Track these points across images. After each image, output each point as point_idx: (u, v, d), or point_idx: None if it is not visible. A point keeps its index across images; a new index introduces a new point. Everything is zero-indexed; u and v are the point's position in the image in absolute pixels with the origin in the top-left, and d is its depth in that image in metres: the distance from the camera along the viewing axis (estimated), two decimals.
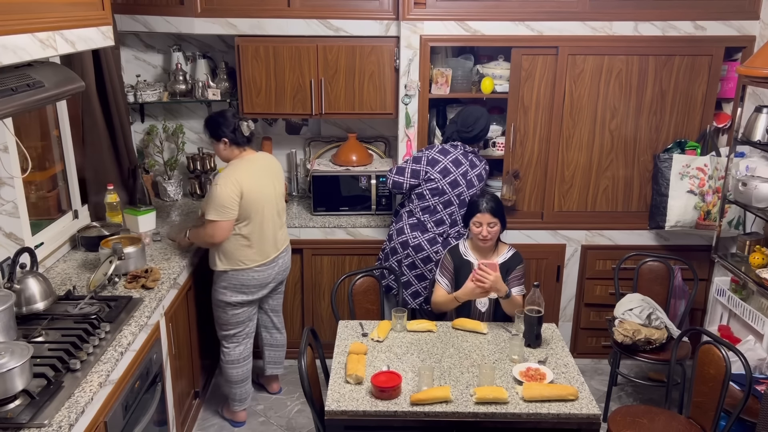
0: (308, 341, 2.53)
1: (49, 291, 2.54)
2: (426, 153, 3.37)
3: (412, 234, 3.35)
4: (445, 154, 3.33)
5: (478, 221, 2.89)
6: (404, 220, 3.40)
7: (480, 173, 3.37)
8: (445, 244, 3.31)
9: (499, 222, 2.90)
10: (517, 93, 3.54)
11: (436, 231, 3.33)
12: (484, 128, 3.37)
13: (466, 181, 3.31)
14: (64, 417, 1.92)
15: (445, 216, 3.32)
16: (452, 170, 3.30)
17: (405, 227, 3.38)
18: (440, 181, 3.29)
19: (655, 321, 3.21)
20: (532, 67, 3.50)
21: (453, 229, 3.35)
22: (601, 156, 3.66)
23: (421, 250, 3.33)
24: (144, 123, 4.11)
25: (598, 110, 3.58)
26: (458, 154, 3.33)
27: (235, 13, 3.51)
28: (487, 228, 2.87)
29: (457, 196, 3.31)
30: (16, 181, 2.73)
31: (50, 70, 2.31)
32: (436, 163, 3.31)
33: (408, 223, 3.38)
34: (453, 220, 3.34)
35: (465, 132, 3.35)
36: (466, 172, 3.31)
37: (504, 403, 2.30)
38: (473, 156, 3.37)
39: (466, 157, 3.34)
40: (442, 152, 3.34)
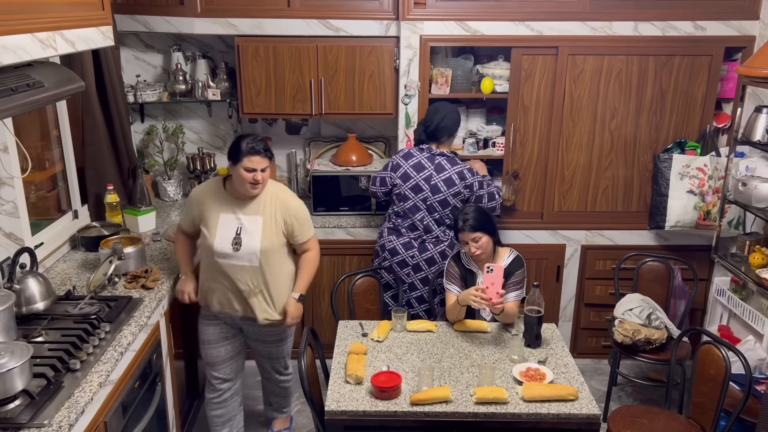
0: (308, 341, 2.53)
1: (49, 291, 2.54)
2: (392, 158, 3.35)
3: (388, 238, 3.34)
4: (407, 159, 3.28)
5: (463, 240, 2.84)
6: (385, 223, 3.42)
7: (449, 177, 3.20)
8: (422, 248, 3.28)
9: (485, 234, 2.81)
10: (517, 93, 3.54)
11: (411, 235, 3.30)
12: (443, 120, 3.24)
13: (430, 186, 3.21)
14: (64, 417, 1.92)
15: (416, 221, 3.26)
16: (413, 175, 3.23)
17: (384, 230, 3.39)
18: (402, 186, 3.26)
19: (655, 321, 3.21)
20: (532, 67, 3.50)
21: (429, 234, 3.28)
22: (601, 156, 3.66)
23: (396, 253, 3.30)
24: (144, 123, 4.11)
25: (598, 110, 3.58)
26: (422, 157, 3.25)
27: (235, 13, 3.51)
28: (473, 245, 2.81)
29: (422, 201, 3.23)
30: (16, 181, 2.73)
31: (50, 70, 2.31)
32: (397, 168, 3.28)
33: (386, 226, 3.39)
34: (425, 225, 3.26)
35: (426, 126, 3.28)
36: (430, 176, 3.22)
37: (504, 403, 2.30)
38: (443, 159, 3.24)
39: (432, 160, 3.23)
40: (405, 156, 3.29)
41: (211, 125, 4.16)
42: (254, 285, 2.74)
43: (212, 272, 2.77)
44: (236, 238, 2.69)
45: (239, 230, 2.69)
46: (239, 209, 2.71)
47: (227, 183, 2.75)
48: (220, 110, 4.11)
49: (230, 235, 2.69)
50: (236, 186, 2.68)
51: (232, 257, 2.70)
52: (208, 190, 2.77)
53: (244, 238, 2.69)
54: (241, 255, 2.69)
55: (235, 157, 2.60)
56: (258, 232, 2.70)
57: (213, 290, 2.79)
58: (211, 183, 2.80)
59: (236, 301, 2.78)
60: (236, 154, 2.60)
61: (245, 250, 2.69)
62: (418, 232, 3.28)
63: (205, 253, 2.77)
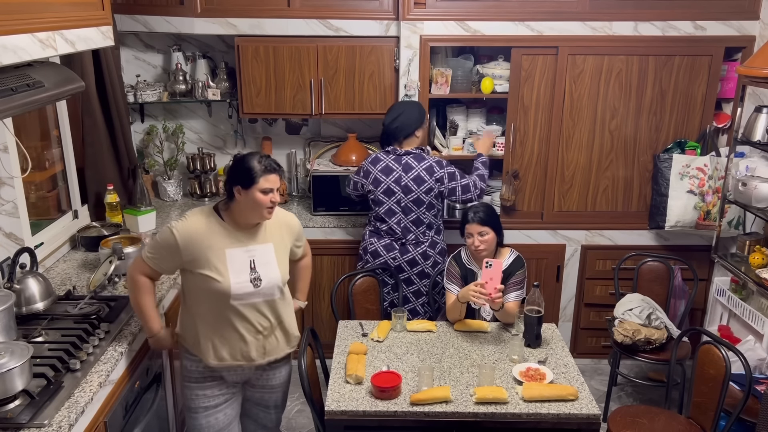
0: (308, 341, 2.53)
1: (49, 291, 2.54)
2: (363, 164, 3.34)
3: (369, 240, 3.35)
4: (375, 164, 3.26)
5: (469, 232, 2.85)
6: (367, 226, 3.43)
7: (418, 175, 3.18)
8: (403, 251, 3.27)
9: (492, 230, 2.83)
10: (517, 93, 3.54)
11: (391, 238, 3.30)
12: (395, 121, 3.21)
13: (401, 187, 3.20)
14: (64, 417, 1.92)
15: (393, 225, 3.26)
16: (382, 179, 3.22)
17: (366, 233, 3.40)
18: (375, 192, 3.26)
19: (655, 321, 3.21)
20: (532, 67, 3.50)
21: (407, 236, 3.27)
22: (601, 156, 3.66)
23: (378, 256, 3.30)
24: (144, 123, 4.11)
25: (598, 110, 3.58)
26: (389, 160, 3.23)
27: (235, 13, 3.51)
28: (477, 238, 2.82)
29: (396, 204, 3.23)
30: (16, 181, 2.73)
31: (50, 70, 2.31)
32: (368, 175, 3.28)
33: (368, 229, 3.40)
34: (403, 227, 3.25)
35: (388, 127, 3.25)
36: (399, 177, 3.20)
37: (504, 403, 2.30)
38: (409, 158, 3.21)
39: (399, 161, 3.21)
40: (374, 162, 3.27)
41: (211, 125, 4.16)
42: (274, 321, 2.39)
43: (222, 322, 2.31)
44: (254, 273, 2.29)
45: (253, 263, 2.29)
46: (247, 240, 2.30)
47: (225, 213, 2.30)
48: (220, 110, 4.11)
49: (245, 271, 2.27)
50: (245, 214, 2.26)
51: (252, 296, 2.29)
52: (199, 227, 2.25)
53: (261, 271, 2.30)
54: (263, 290, 2.31)
55: (249, 180, 2.18)
56: (273, 261, 2.34)
57: (222, 343, 2.32)
58: (200, 217, 2.28)
59: (254, 348, 2.36)
60: (249, 177, 2.18)
61: (267, 284, 2.31)
62: (397, 235, 3.28)
63: (211, 301, 2.29)
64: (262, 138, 4.10)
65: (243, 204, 2.23)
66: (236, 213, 2.27)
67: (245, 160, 2.22)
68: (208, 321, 2.31)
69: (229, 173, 2.26)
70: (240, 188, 2.21)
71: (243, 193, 2.21)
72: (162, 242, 2.26)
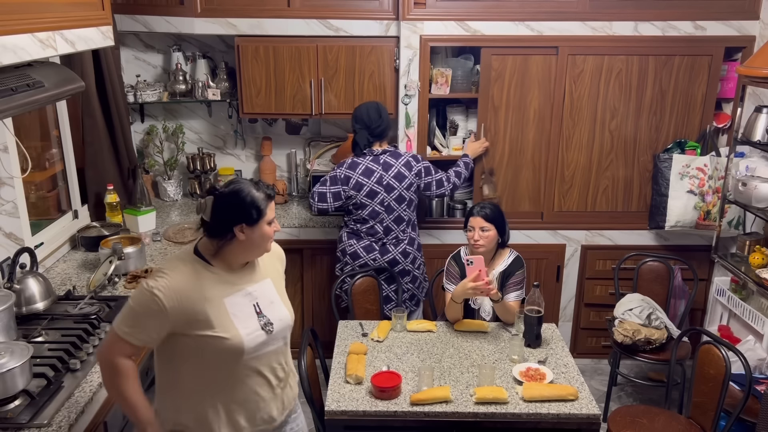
0: (308, 341, 2.53)
1: (49, 291, 2.54)
2: (338, 171, 3.25)
3: (348, 242, 3.32)
4: (354, 168, 3.22)
5: (471, 225, 2.85)
6: (343, 228, 3.40)
7: (398, 171, 3.21)
8: (383, 251, 3.28)
9: (494, 227, 2.83)
10: (487, 93, 3.54)
11: (372, 238, 3.29)
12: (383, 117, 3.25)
13: (384, 187, 3.20)
14: (64, 417, 1.92)
15: (376, 225, 3.26)
16: (364, 182, 3.20)
17: (343, 235, 3.38)
18: (357, 195, 3.22)
19: (655, 321, 3.21)
20: (502, 67, 3.49)
21: (388, 236, 3.28)
22: (601, 156, 3.66)
23: (358, 257, 3.30)
24: (144, 123, 4.11)
25: (598, 110, 3.58)
26: (367, 162, 3.22)
27: (235, 13, 3.51)
28: (479, 232, 2.82)
29: (380, 204, 3.23)
30: (16, 181, 2.73)
31: (50, 70, 2.31)
32: (348, 180, 3.22)
33: (345, 231, 3.37)
34: (385, 227, 3.26)
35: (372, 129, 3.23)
36: (381, 177, 3.20)
37: (504, 403, 2.30)
38: (387, 156, 3.23)
39: (378, 161, 3.21)
40: (351, 167, 3.23)
41: (211, 125, 4.16)
42: (287, 367, 2.03)
43: (233, 385, 1.89)
44: (262, 318, 1.91)
45: (258, 307, 1.92)
46: (242, 282, 1.92)
47: (214, 258, 1.88)
48: (220, 110, 4.11)
49: (252, 318, 1.89)
50: (246, 252, 1.89)
51: (266, 345, 1.91)
52: (186, 281, 1.81)
53: (269, 313, 1.94)
54: (276, 335, 1.94)
55: (255, 214, 1.82)
56: (277, 298, 2.00)
57: (237, 410, 1.91)
58: (182, 268, 1.83)
59: (274, 407, 1.98)
60: (256, 211, 1.82)
61: (279, 326, 1.95)
62: (379, 235, 3.28)
63: (217, 366, 1.86)
64: (262, 138, 4.10)
65: (246, 242, 1.85)
66: (232, 254, 1.87)
67: (244, 193, 1.82)
68: (214, 390, 1.87)
69: (226, 212, 1.82)
70: (244, 226, 1.82)
71: (247, 231, 1.83)
72: (142, 310, 1.77)
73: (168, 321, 1.78)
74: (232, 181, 1.87)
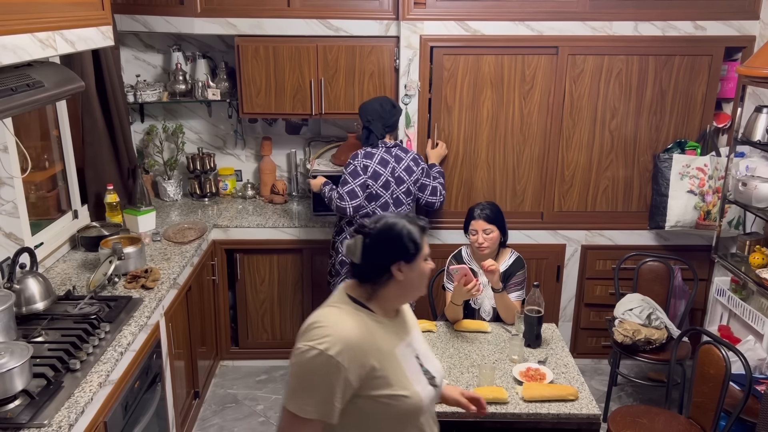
0: None
1: (48, 291, 2.54)
2: (355, 163, 3.19)
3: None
4: (370, 158, 3.20)
5: (474, 228, 2.86)
6: (347, 231, 3.31)
7: (408, 165, 3.24)
8: None
9: (497, 229, 2.86)
10: (440, 93, 3.53)
11: None
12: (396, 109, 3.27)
13: (395, 179, 3.22)
14: (64, 417, 1.92)
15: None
16: (381, 171, 3.19)
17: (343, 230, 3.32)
18: (372, 185, 3.19)
19: (655, 321, 3.21)
20: (454, 66, 3.49)
21: None
22: (601, 156, 3.66)
23: None
24: (144, 123, 4.11)
25: (598, 110, 3.58)
26: (382, 153, 3.21)
27: (235, 13, 3.51)
28: (482, 235, 2.84)
29: (390, 196, 3.23)
30: (16, 181, 2.73)
31: (50, 70, 2.31)
32: (367, 169, 3.18)
33: (351, 231, 3.27)
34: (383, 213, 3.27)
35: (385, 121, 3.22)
36: (394, 169, 3.21)
37: (504, 403, 2.30)
38: (397, 149, 3.25)
39: (390, 153, 3.22)
40: (367, 156, 3.20)
41: (211, 125, 4.16)
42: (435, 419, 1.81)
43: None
44: (426, 371, 1.71)
45: (419, 359, 1.71)
46: (402, 331, 1.71)
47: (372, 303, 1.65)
48: (220, 110, 4.11)
49: (419, 372, 1.69)
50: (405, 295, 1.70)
51: (433, 401, 1.73)
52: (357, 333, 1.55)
53: (429, 366, 1.73)
54: (438, 390, 1.76)
55: (413, 248, 1.63)
56: (429, 349, 1.81)
57: None
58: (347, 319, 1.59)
59: None
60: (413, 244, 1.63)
61: (438, 379, 1.75)
62: None
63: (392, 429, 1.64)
64: (262, 138, 4.11)
65: (405, 283, 1.64)
66: (388, 299, 1.67)
67: (399, 226, 1.64)
68: None
69: (380, 250, 1.63)
70: (402, 264, 1.62)
71: (406, 269, 1.63)
72: (321, 379, 1.50)
73: (350, 386, 1.52)
74: (379, 218, 1.67)
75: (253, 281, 3.82)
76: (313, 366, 1.49)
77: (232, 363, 4.00)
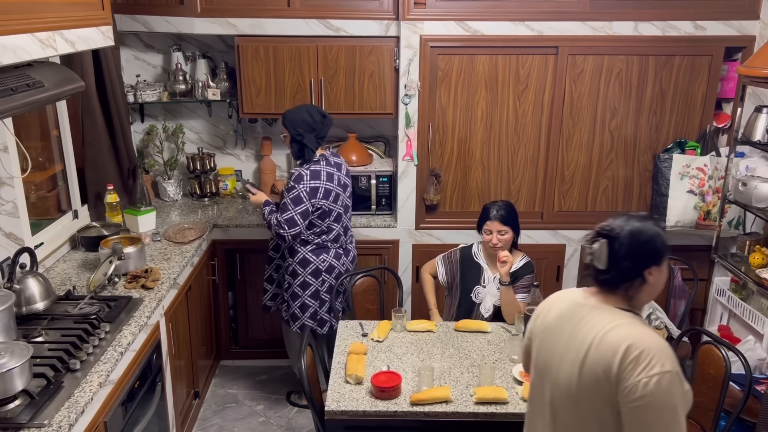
0: (308, 341, 2.53)
1: (49, 291, 2.54)
2: (300, 189, 3.02)
3: (320, 258, 3.17)
4: (318, 177, 3.05)
5: (488, 229, 2.90)
6: (302, 250, 3.17)
7: (346, 168, 3.24)
8: (346, 252, 3.27)
9: (511, 230, 2.91)
10: (434, 93, 3.54)
11: (336, 246, 3.22)
12: (328, 119, 3.14)
13: (342, 186, 3.17)
14: (64, 417, 1.92)
15: (339, 229, 3.20)
16: (331, 187, 3.09)
17: (307, 256, 3.17)
18: (325, 203, 3.09)
19: (655, 321, 3.21)
20: (449, 66, 3.49)
21: (347, 235, 3.28)
22: (601, 156, 3.66)
23: (333, 270, 3.20)
24: (144, 123, 4.10)
25: (598, 110, 3.58)
26: (324, 167, 3.09)
27: (235, 13, 3.51)
28: (497, 236, 2.89)
29: (342, 206, 3.18)
30: (16, 181, 2.73)
31: (50, 70, 2.31)
32: (316, 192, 3.04)
33: (308, 251, 3.16)
34: (344, 227, 3.24)
35: (318, 132, 3.10)
36: (339, 179, 3.15)
37: (504, 403, 2.30)
38: (334, 157, 3.19)
39: (330, 163, 3.13)
40: (314, 176, 3.05)
41: (211, 125, 4.16)
42: None
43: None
44: None
45: None
46: None
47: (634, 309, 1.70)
48: (220, 110, 4.11)
49: None
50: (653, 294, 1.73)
51: None
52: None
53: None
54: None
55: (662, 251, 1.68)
56: None
57: None
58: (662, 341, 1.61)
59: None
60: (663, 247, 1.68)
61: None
62: (342, 239, 3.23)
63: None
64: (262, 138, 4.10)
65: (655, 286, 1.69)
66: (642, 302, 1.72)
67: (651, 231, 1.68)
68: None
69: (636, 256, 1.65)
70: (654, 268, 1.66)
71: (656, 272, 1.68)
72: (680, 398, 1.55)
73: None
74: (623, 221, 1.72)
75: (253, 281, 3.82)
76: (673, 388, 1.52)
77: (232, 363, 4.00)
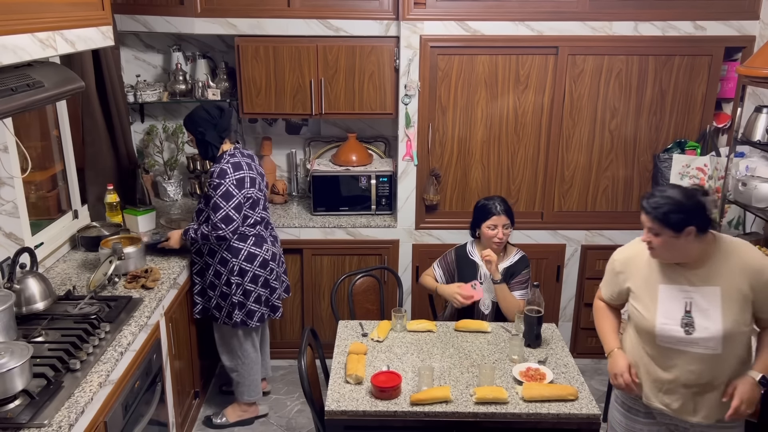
0: (308, 341, 2.54)
1: (49, 291, 2.54)
2: (226, 182, 2.96)
3: (263, 249, 3.12)
4: (240, 168, 3.00)
5: (494, 224, 2.89)
6: (244, 245, 3.08)
7: (257, 160, 3.23)
8: (275, 238, 3.27)
9: (512, 225, 2.93)
10: (434, 93, 3.54)
11: (269, 233, 3.22)
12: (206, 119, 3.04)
13: (259, 174, 3.16)
14: (64, 417, 1.92)
15: (267, 217, 3.21)
16: (254, 176, 3.08)
17: (251, 250, 3.09)
18: (254, 192, 3.07)
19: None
20: (449, 66, 3.50)
21: (271, 222, 3.29)
22: (601, 156, 3.66)
23: (276, 258, 3.22)
24: (144, 123, 4.11)
25: (598, 110, 3.58)
26: (244, 159, 3.07)
27: (235, 13, 3.51)
28: (502, 230, 2.89)
29: (261, 194, 3.16)
30: (16, 181, 2.73)
31: (50, 70, 2.32)
32: (243, 183, 3.00)
33: (250, 245, 3.09)
34: (267, 212, 3.23)
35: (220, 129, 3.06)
36: (255, 167, 3.13)
37: (504, 403, 2.30)
38: (243, 149, 3.17)
39: (243, 154, 3.11)
40: (237, 168, 2.99)
41: None
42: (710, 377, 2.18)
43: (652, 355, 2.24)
44: (686, 317, 2.13)
45: (689, 306, 2.13)
46: (689, 280, 2.16)
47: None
48: None
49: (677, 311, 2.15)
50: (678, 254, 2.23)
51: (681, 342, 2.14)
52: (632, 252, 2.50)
53: (697, 317, 2.11)
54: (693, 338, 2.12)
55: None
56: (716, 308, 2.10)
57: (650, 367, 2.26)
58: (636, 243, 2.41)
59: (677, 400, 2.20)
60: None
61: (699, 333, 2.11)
62: (271, 226, 3.27)
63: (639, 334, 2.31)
64: (262, 138, 4.11)
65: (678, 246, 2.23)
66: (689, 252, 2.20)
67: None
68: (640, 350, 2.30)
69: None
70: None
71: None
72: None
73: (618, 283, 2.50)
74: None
75: None
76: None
77: None
